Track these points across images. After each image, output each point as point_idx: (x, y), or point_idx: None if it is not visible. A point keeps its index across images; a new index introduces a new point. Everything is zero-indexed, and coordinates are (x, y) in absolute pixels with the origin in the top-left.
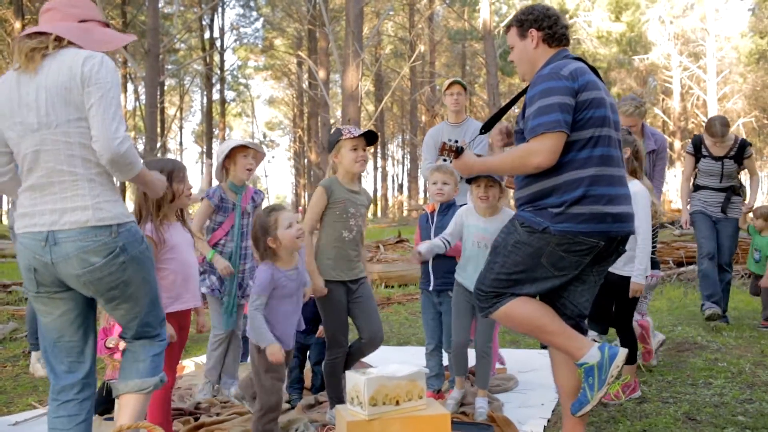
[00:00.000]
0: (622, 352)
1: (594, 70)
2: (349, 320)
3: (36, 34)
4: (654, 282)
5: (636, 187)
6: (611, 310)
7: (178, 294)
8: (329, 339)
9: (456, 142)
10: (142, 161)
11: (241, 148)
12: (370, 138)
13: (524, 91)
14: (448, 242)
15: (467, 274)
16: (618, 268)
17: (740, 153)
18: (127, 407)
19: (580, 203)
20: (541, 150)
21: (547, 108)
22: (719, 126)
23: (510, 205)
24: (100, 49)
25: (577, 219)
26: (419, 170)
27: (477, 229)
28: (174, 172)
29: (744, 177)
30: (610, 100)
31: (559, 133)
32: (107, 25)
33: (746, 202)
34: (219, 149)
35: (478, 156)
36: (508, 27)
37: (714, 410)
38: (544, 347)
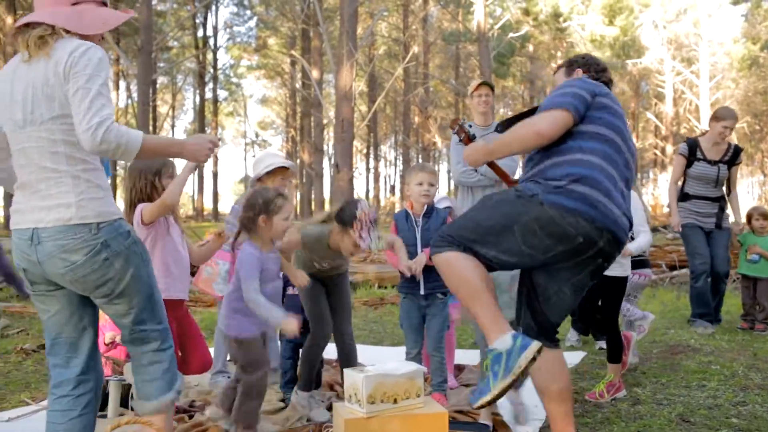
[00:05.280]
0: (534, 345)
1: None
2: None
3: (35, 24)
4: (644, 281)
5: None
6: (595, 310)
7: (167, 284)
8: (312, 326)
9: (471, 126)
10: (141, 136)
11: (283, 170)
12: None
13: None
14: None
15: None
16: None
17: (734, 158)
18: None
19: (581, 182)
20: (544, 118)
21: (562, 95)
22: (728, 110)
23: None
24: (96, 31)
25: (571, 195)
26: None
27: None
28: (163, 168)
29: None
30: (630, 137)
31: (565, 111)
32: (104, 4)
33: (732, 219)
34: (261, 160)
35: None
36: (557, 68)
37: (708, 412)
38: None
